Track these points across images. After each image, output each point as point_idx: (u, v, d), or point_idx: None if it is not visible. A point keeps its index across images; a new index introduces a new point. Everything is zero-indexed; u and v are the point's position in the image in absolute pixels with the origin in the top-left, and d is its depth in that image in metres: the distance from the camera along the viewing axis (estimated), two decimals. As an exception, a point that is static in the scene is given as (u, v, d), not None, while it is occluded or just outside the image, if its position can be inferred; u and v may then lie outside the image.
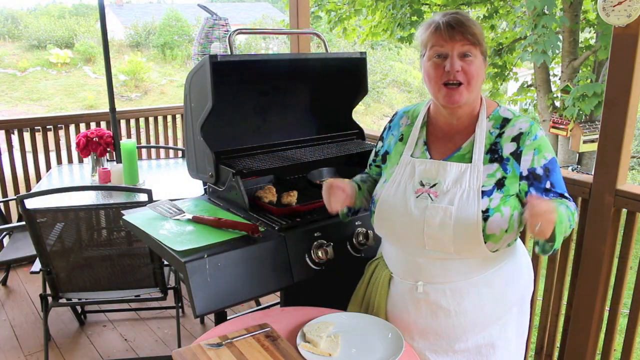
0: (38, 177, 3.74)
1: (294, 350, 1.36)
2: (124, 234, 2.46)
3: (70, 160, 3.89)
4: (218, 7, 5.71)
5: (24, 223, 2.31)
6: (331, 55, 2.28)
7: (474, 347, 1.49)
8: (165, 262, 2.42)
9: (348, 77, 2.30)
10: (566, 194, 1.41)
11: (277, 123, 2.29)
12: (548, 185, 1.38)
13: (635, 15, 1.72)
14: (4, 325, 3.00)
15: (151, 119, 4.32)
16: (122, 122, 4.15)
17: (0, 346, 2.80)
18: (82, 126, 3.92)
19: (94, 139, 2.97)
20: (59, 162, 3.83)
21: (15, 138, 3.69)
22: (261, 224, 1.75)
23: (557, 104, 7.89)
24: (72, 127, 3.91)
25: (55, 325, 2.99)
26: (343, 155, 2.22)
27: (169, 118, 4.38)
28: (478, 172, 1.38)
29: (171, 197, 2.07)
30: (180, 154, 3.97)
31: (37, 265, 2.46)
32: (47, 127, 3.80)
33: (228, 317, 1.78)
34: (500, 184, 1.37)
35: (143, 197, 2.32)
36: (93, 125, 3.96)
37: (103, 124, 3.99)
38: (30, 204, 2.25)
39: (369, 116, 17.49)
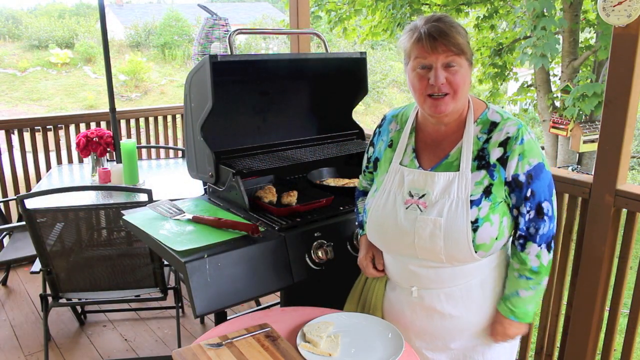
0: (38, 177, 3.74)
1: (294, 350, 1.36)
2: (124, 234, 2.46)
3: (70, 160, 3.89)
4: (218, 7, 5.70)
5: (24, 223, 2.31)
6: (331, 55, 2.28)
7: (469, 345, 1.50)
8: (165, 262, 2.42)
9: (348, 77, 2.30)
10: (545, 204, 1.37)
11: (277, 123, 2.29)
12: (529, 194, 1.36)
13: (635, 15, 1.71)
14: (4, 325, 3.00)
15: (151, 119, 4.32)
16: (122, 122, 4.15)
17: (0, 346, 2.80)
18: (82, 126, 3.92)
19: (94, 139, 2.97)
20: (59, 162, 3.83)
21: (15, 138, 3.69)
22: (261, 224, 1.75)
23: (557, 104, 7.88)
24: (72, 127, 3.91)
25: (55, 325, 2.99)
26: (343, 155, 2.22)
27: (169, 118, 4.38)
28: (466, 180, 1.36)
29: (171, 197, 2.07)
30: (180, 154, 3.97)
31: (37, 265, 2.45)
32: (47, 127, 3.80)
33: (228, 317, 1.77)
34: (487, 192, 1.36)
35: (143, 197, 2.32)
36: (93, 125, 3.96)
37: (103, 124, 3.99)
38: (30, 204, 2.25)
39: (369, 116, 17.50)
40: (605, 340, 2.06)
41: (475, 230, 1.34)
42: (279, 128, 2.29)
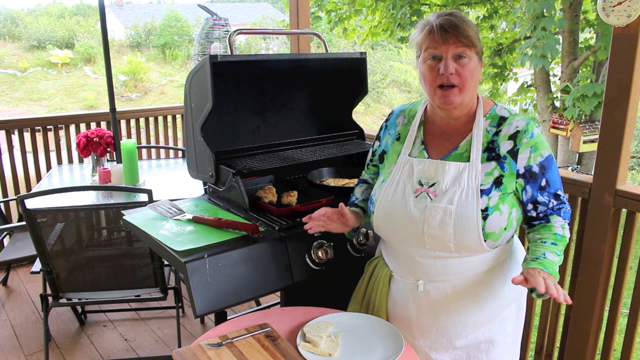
0: (38, 177, 3.75)
1: (294, 350, 1.36)
2: (124, 234, 2.46)
3: (70, 160, 3.90)
4: (218, 7, 5.71)
5: (24, 223, 2.31)
6: (331, 56, 2.28)
7: (473, 343, 1.50)
8: (166, 262, 2.42)
9: (348, 77, 2.30)
10: (560, 192, 1.43)
11: (277, 123, 2.29)
12: (543, 183, 1.40)
13: (635, 15, 1.72)
14: (4, 325, 3.00)
15: (151, 119, 4.32)
16: (122, 122, 4.15)
17: (1, 346, 2.80)
18: (83, 126, 3.92)
19: (94, 139, 2.97)
20: (59, 162, 3.83)
21: (15, 138, 3.70)
22: (261, 224, 1.75)
23: (557, 104, 7.89)
24: (72, 127, 3.91)
25: (56, 325, 2.99)
26: (343, 155, 2.23)
27: (169, 118, 4.39)
28: (476, 171, 1.39)
29: (171, 197, 2.07)
30: (180, 154, 3.98)
31: (37, 265, 2.46)
32: (48, 127, 3.80)
33: (228, 317, 1.78)
34: (498, 182, 1.39)
35: (143, 197, 2.32)
36: (93, 125, 3.97)
37: (103, 124, 4.00)
38: (31, 204, 2.25)
39: (369, 116, 17.49)
40: (605, 340, 2.06)
41: (485, 218, 1.36)
42: (279, 128, 2.29)
